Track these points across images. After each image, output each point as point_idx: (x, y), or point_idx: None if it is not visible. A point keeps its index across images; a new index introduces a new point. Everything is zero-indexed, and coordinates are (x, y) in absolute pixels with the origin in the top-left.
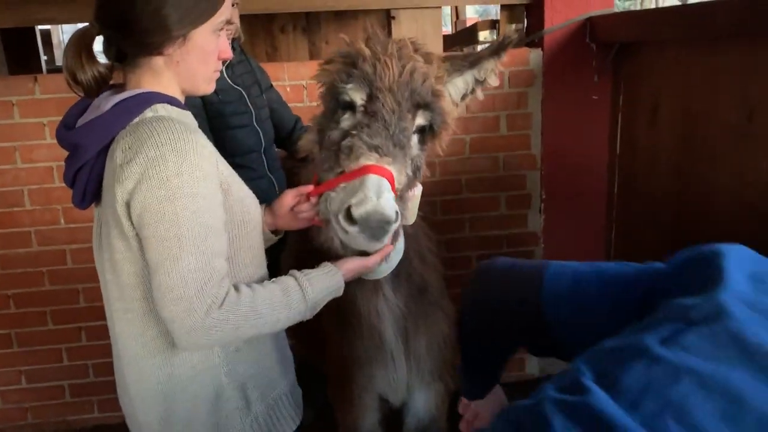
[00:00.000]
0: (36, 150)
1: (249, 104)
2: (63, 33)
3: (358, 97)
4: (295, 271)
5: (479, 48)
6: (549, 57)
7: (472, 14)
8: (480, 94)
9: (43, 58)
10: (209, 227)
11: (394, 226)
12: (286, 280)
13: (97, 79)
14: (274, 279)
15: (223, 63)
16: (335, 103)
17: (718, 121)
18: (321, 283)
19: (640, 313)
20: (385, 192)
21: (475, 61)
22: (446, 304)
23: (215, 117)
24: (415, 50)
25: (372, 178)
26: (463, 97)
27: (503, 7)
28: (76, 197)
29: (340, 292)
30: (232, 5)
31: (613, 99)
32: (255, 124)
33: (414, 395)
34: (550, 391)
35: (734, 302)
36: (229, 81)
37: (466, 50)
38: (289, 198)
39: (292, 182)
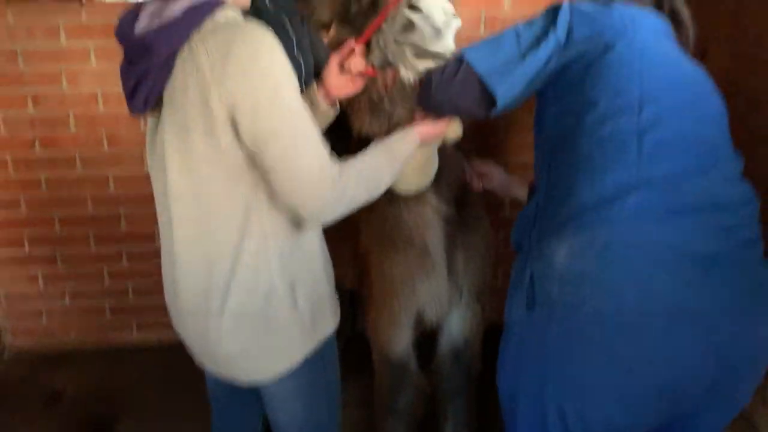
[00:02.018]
0: (81, 75)
1: (290, 32)
2: None
3: None
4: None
5: None
6: None
7: None
8: None
9: None
10: (308, 113)
11: (455, 24)
12: (377, 145)
13: None
14: (372, 146)
15: None
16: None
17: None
18: (405, 140)
19: None
20: None
21: None
22: (485, 223)
23: None
24: None
25: None
26: None
27: None
28: (137, 102)
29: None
30: None
31: None
32: (296, 52)
33: (452, 314)
34: None
35: None
36: (270, 8)
37: None
38: (335, 61)
39: None
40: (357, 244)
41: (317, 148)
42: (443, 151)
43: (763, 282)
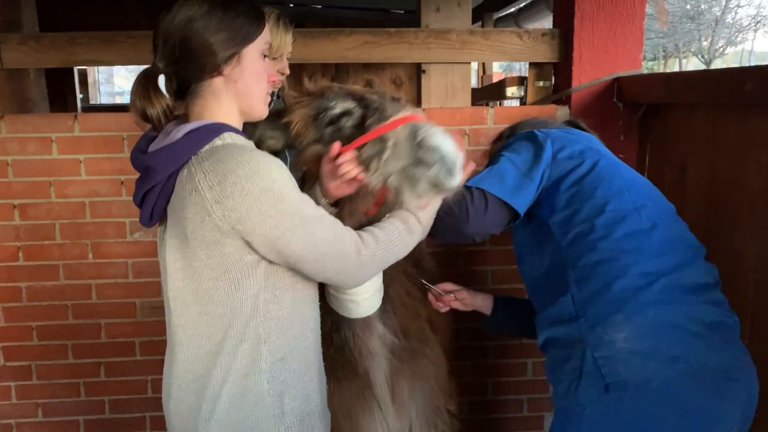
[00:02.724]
0: (70, 185)
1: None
2: (98, 73)
3: (348, 104)
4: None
5: (506, 104)
6: (576, 115)
7: (496, 69)
8: None
9: (79, 96)
10: (312, 202)
11: (461, 159)
12: (400, 213)
13: (165, 111)
14: (389, 215)
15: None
16: (324, 125)
17: (745, 188)
18: (429, 211)
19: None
20: (440, 130)
21: None
22: (429, 350)
23: None
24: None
25: (419, 122)
26: None
27: (532, 64)
28: (144, 216)
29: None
30: (286, 59)
31: (640, 159)
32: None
33: None
34: None
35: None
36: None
37: (492, 104)
38: (326, 167)
39: None
40: None
41: (330, 223)
42: (391, 276)
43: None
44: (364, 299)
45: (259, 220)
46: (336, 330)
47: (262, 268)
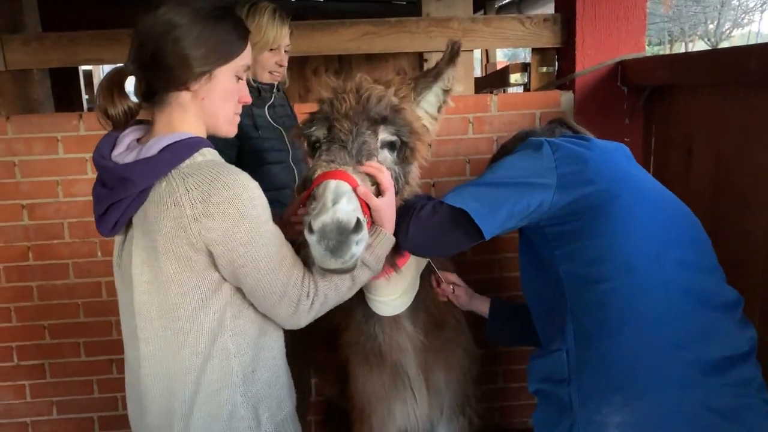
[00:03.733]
0: (77, 184)
1: (287, 143)
2: (103, 73)
3: (321, 134)
4: None
5: (510, 90)
6: (580, 99)
7: (501, 57)
8: (450, 101)
9: (85, 97)
10: (281, 238)
11: (357, 237)
12: None
13: (126, 113)
14: None
15: (263, 105)
16: (310, 149)
17: (752, 166)
18: (378, 251)
19: None
20: (343, 196)
21: (437, 74)
22: (464, 339)
23: (253, 151)
24: (375, 81)
25: (329, 184)
26: (439, 109)
27: (534, 50)
28: (105, 226)
29: (393, 240)
30: (284, 51)
31: (645, 142)
32: (291, 162)
33: (438, 430)
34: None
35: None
36: (270, 119)
37: (496, 92)
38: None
39: None
40: (339, 351)
41: (290, 267)
42: (423, 277)
43: None
44: (393, 299)
45: (231, 245)
46: (366, 322)
47: (227, 285)
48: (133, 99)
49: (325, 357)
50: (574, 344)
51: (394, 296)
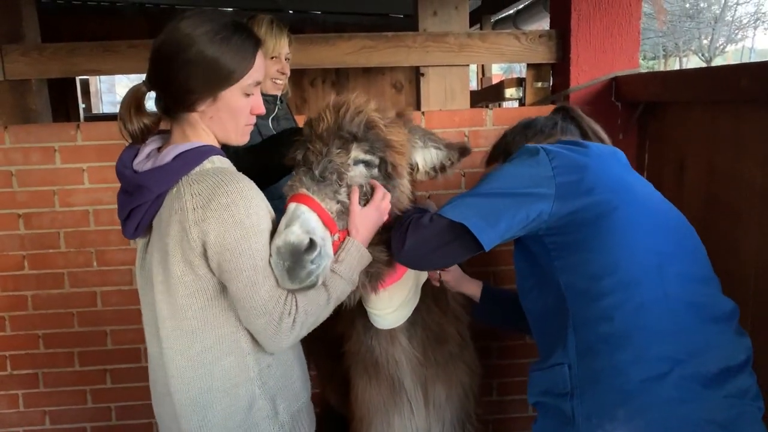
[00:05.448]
0: (74, 194)
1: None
2: (100, 83)
3: (300, 157)
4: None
5: (505, 105)
6: None
7: (497, 71)
8: (440, 177)
9: (81, 106)
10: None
11: (310, 257)
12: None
13: (142, 129)
14: None
15: (267, 117)
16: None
17: (743, 181)
18: (348, 260)
19: None
20: (296, 220)
21: (447, 146)
22: (468, 355)
23: None
24: (377, 110)
25: (289, 208)
26: (434, 170)
27: (530, 65)
28: (128, 229)
29: (369, 257)
30: (285, 59)
31: (639, 157)
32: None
33: None
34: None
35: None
36: (274, 132)
37: (491, 106)
38: None
39: None
40: (342, 360)
41: (273, 289)
42: (423, 291)
43: None
44: (389, 313)
45: (220, 249)
46: (365, 333)
47: None
48: (151, 113)
49: (330, 366)
50: (576, 358)
51: (390, 309)
